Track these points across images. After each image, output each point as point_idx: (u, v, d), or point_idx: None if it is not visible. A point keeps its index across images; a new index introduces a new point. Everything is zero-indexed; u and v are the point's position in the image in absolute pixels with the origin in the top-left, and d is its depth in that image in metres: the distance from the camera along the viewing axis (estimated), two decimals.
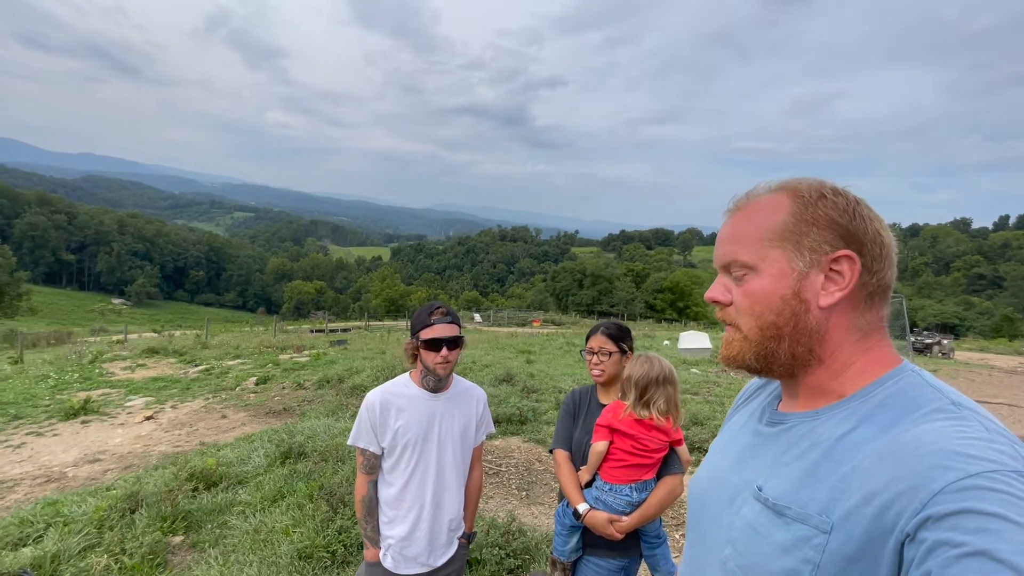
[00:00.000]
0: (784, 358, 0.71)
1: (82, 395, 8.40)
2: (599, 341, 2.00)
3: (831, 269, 0.67)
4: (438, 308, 1.80)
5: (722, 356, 0.78)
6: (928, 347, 21.20)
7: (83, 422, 7.21)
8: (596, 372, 1.98)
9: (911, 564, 0.52)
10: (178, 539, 3.42)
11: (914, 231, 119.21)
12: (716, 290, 0.76)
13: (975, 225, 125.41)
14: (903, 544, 0.53)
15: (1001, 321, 51.98)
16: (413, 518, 1.79)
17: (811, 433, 0.69)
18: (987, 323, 55.27)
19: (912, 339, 19.55)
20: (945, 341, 22.10)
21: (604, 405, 1.98)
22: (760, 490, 0.70)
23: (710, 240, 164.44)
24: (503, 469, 4.94)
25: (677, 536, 3.71)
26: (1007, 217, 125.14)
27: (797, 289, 0.68)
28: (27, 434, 6.66)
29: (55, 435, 6.66)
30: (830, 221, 0.67)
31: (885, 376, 0.68)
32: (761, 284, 0.70)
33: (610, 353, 1.97)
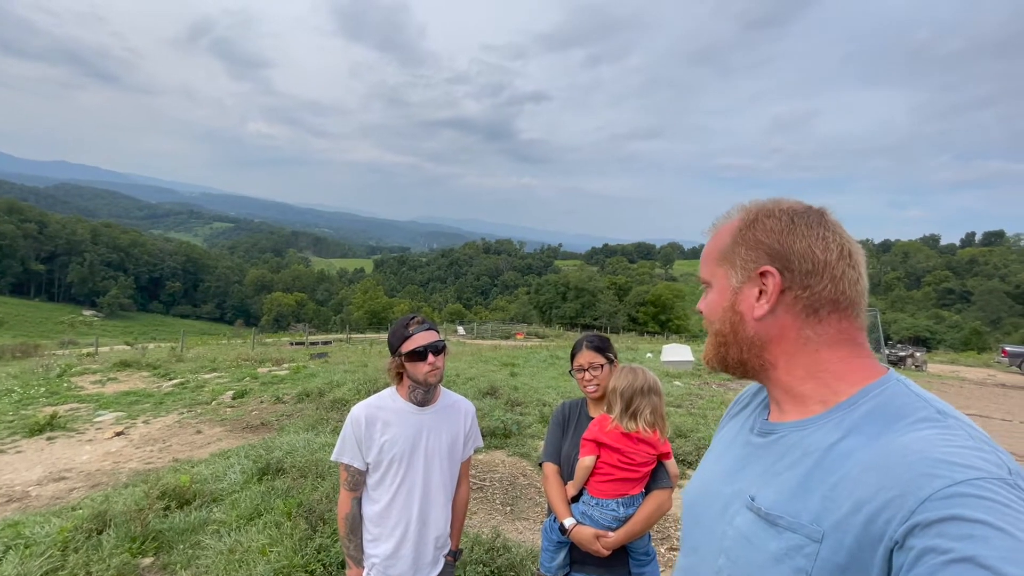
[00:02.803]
0: (734, 362, 0.80)
1: (48, 410, 8.06)
2: (588, 357, 1.97)
3: (762, 284, 0.74)
4: (413, 318, 1.77)
5: (702, 356, 0.90)
6: (902, 359, 21.71)
7: (49, 438, 6.91)
8: (591, 388, 1.95)
9: (900, 571, 0.53)
10: (148, 561, 3.27)
11: (886, 247, 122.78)
12: (700, 302, 0.87)
13: (944, 241, 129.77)
14: (892, 551, 0.54)
15: (970, 334, 53.61)
16: (398, 536, 1.74)
17: (801, 443, 0.70)
18: (957, 336, 56.94)
19: (887, 351, 20.00)
20: (918, 353, 22.66)
21: (592, 417, 1.96)
22: (753, 500, 0.71)
23: (691, 254, 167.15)
24: (487, 483, 4.87)
25: (663, 550, 3.69)
26: (973, 234, 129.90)
27: (733, 302, 0.77)
28: None
29: (18, 452, 6.37)
30: (757, 241, 0.75)
31: (871, 385, 0.69)
32: (712, 297, 0.82)
33: (601, 366, 1.95)
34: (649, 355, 18.65)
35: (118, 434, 7.15)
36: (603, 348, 1.99)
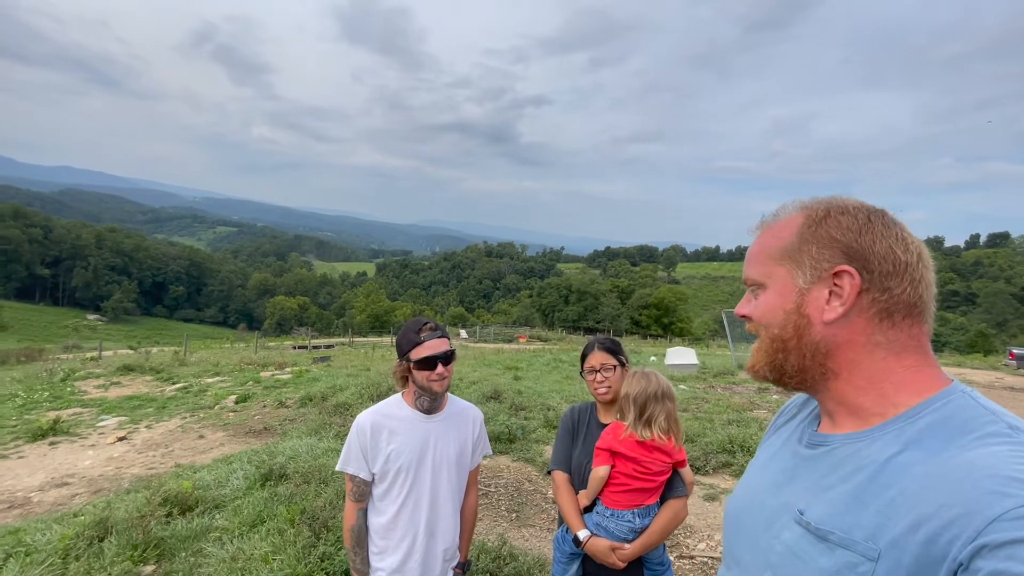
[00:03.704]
0: (792, 370, 0.73)
1: (51, 415, 8.05)
2: (600, 358, 1.93)
3: (834, 285, 0.68)
4: (426, 324, 1.71)
5: (749, 367, 0.80)
6: None
7: (51, 443, 6.90)
8: (602, 390, 1.91)
9: None
10: (149, 569, 3.23)
11: None
12: (741, 305, 0.80)
13: (948, 243, 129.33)
14: (955, 573, 0.51)
15: (976, 337, 53.31)
16: (405, 548, 1.69)
17: (856, 455, 0.66)
18: (962, 339, 56.63)
19: None
20: None
21: (603, 424, 1.91)
22: (802, 514, 0.67)
23: (694, 257, 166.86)
24: (492, 489, 4.81)
25: (672, 557, 3.63)
26: (978, 236, 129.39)
27: (799, 304, 0.71)
28: None
29: (21, 457, 6.35)
30: (831, 239, 0.69)
31: (934, 397, 0.65)
32: (768, 299, 0.74)
33: (613, 367, 1.91)
34: (653, 358, 18.57)
35: (120, 439, 7.12)
36: (615, 350, 1.96)
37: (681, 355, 15.51)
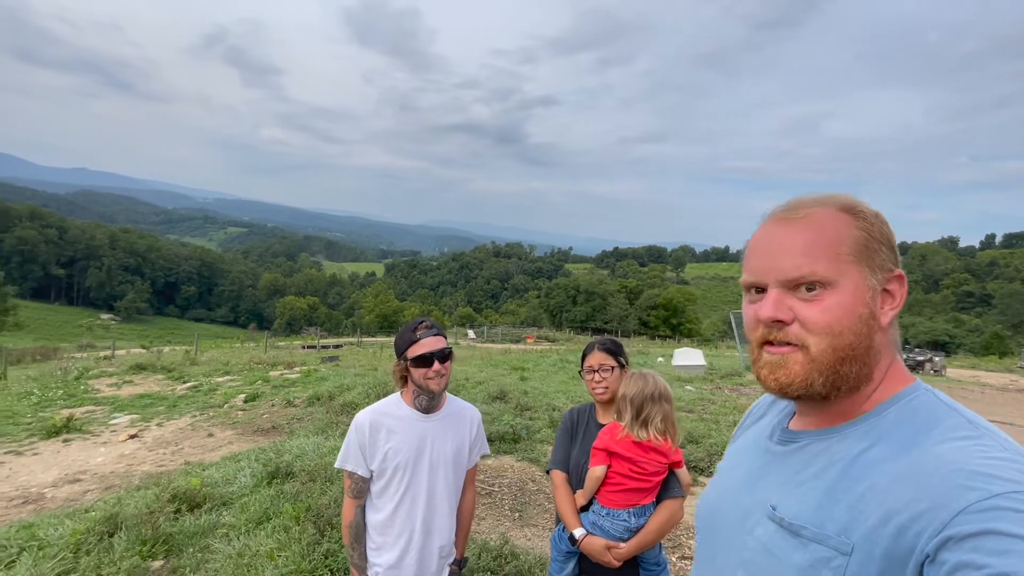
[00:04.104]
0: (852, 380, 0.66)
1: (65, 413, 8.20)
2: (599, 358, 1.94)
3: (887, 288, 0.68)
4: (422, 323, 1.74)
5: (774, 381, 0.68)
6: (920, 364, 21.29)
7: (65, 440, 7.02)
8: (599, 391, 1.93)
9: None
10: (158, 564, 3.29)
11: (903, 249, 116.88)
12: (776, 308, 0.67)
13: (962, 244, 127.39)
14: (923, 565, 0.53)
15: (991, 338, 52.43)
16: (402, 545, 1.72)
17: (827, 451, 0.68)
18: (977, 340, 55.71)
19: (904, 356, 19.62)
20: (937, 358, 22.20)
21: (602, 425, 1.93)
22: (775, 510, 0.68)
23: (703, 257, 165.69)
24: (495, 489, 4.84)
25: (675, 559, 3.63)
26: (993, 236, 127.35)
27: (872, 308, 0.66)
28: (5, 453, 6.47)
29: (35, 454, 6.47)
30: (889, 240, 0.69)
31: (900, 394, 0.67)
32: (841, 301, 0.65)
33: (611, 368, 1.92)
34: (660, 359, 18.49)
35: (132, 437, 7.24)
36: (615, 351, 1.97)
37: (688, 356, 15.44)
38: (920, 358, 21.91)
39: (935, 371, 21.14)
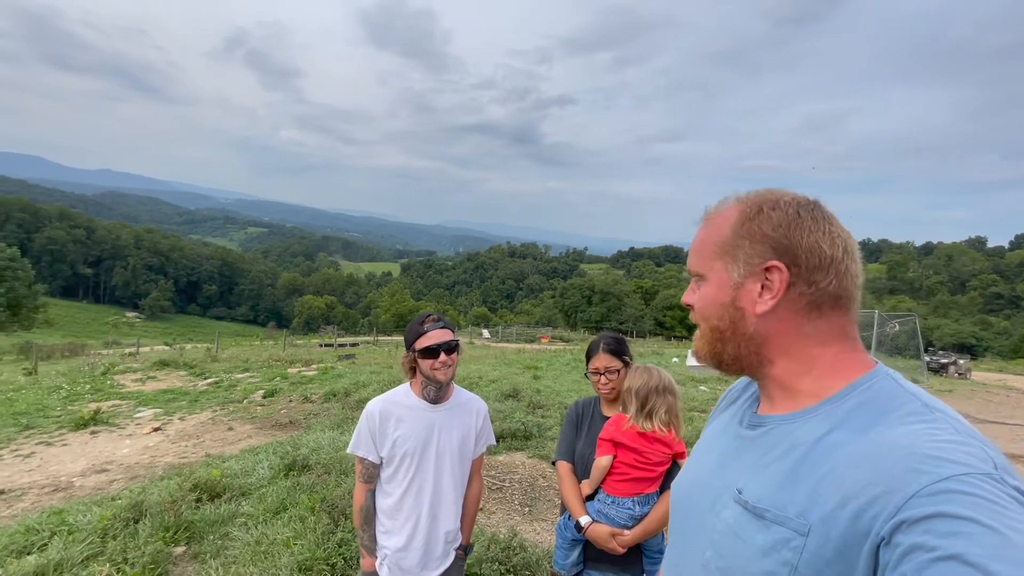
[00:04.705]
0: (729, 358, 0.77)
1: (93, 406, 8.49)
2: (604, 361, 1.97)
3: (765, 279, 0.71)
4: (429, 316, 1.81)
5: (693, 351, 0.85)
6: (944, 367, 20.76)
7: (92, 432, 7.28)
8: (606, 391, 1.97)
9: (886, 568, 0.53)
10: (180, 549, 3.42)
11: (928, 249, 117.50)
12: (686, 294, 0.84)
13: (991, 244, 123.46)
14: (878, 547, 0.54)
15: (1020, 342, 50.81)
16: (409, 529, 1.79)
17: (789, 436, 0.70)
18: (1006, 343, 54.03)
19: (927, 359, 19.16)
20: (961, 361, 21.64)
21: (607, 417, 1.98)
22: (740, 492, 0.71)
23: None
24: (506, 484, 4.90)
25: None
26: (1023, 236, 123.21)
27: (733, 297, 0.74)
28: (37, 444, 6.74)
29: (64, 445, 6.72)
30: (762, 235, 0.72)
31: (860, 380, 0.68)
32: (707, 291, 0.78)
33: (617, 371, 1.96)
34: (675, 359, 18.36)
35: (156, 430, 7.47)
36: (620, 351, 1.99)
37: None
38: (944, 361, 21.37)
39: (959, 374, 20.60)
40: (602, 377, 1.95)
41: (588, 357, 2.03)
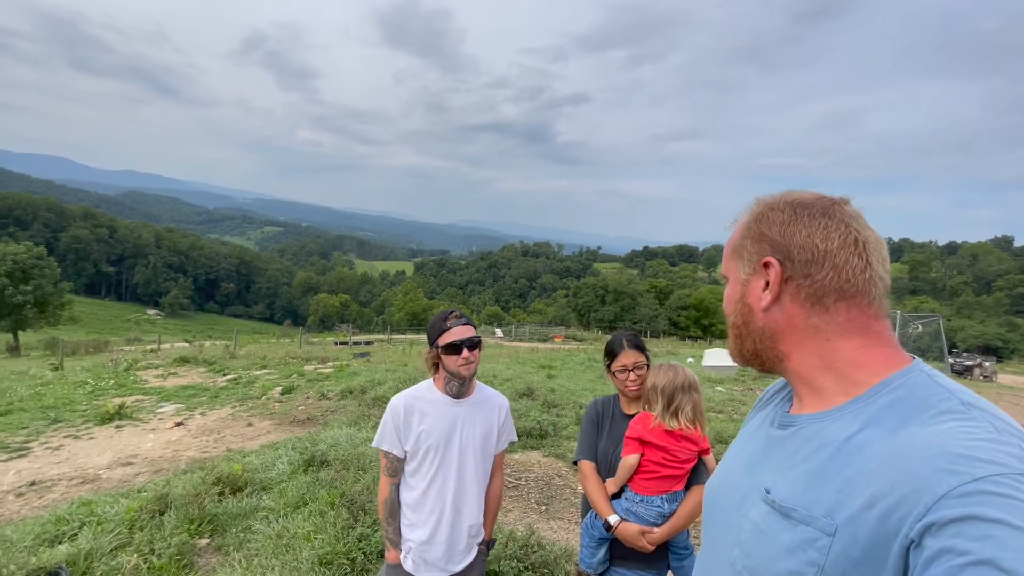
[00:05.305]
0: (749, 354, 0.80)
1: (117, 401, 8.69)
2: (632, 357, 1.96)
3: (767, 275, 0.75)
4: (451, 313, 1.84)
5: (728, 351, 0.88)
6: (968, 369, 20.28)
7: (117, 427, 7.46)
8: (634, 388, 1.95)
9: (915, 570, 0.52)
10: (204, 541, 3.49)
11: (952, 249, 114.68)
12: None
13: (1018, 243, 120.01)
14: (908, 549, 0.53)
15: None
16: (433, 522, 1.81)
17: (818, 434, 0.69)
18: None
19: (951, 361, 18.73)
20: (987, 363, 21.12)
21: (627, 415, 1.97)
22: (768, 492, 0.71)
23: None
24: (523, 483, 4.91)
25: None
26: None
27: (743, 294, 0.79)
28: (65, 437, 6.92)
29: (91, 438, 6.90)
30: (761, 234, 0.76)
31: (893, 376, 0.67)
32: (727, 291, 0.83)
33: (645, 366, 1.96)
34: (691, 360, 18.21)
35: (178, 424, 7.62)
36: (644, 347, 2.00)
37: (719, 357, 15.15)
38: (968, 363, 20.88)
39: (984, 376, 20.11)
40: (631, 374, 1.93)
41: (612, 354, 2.00)
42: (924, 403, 0.62)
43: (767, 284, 0.75)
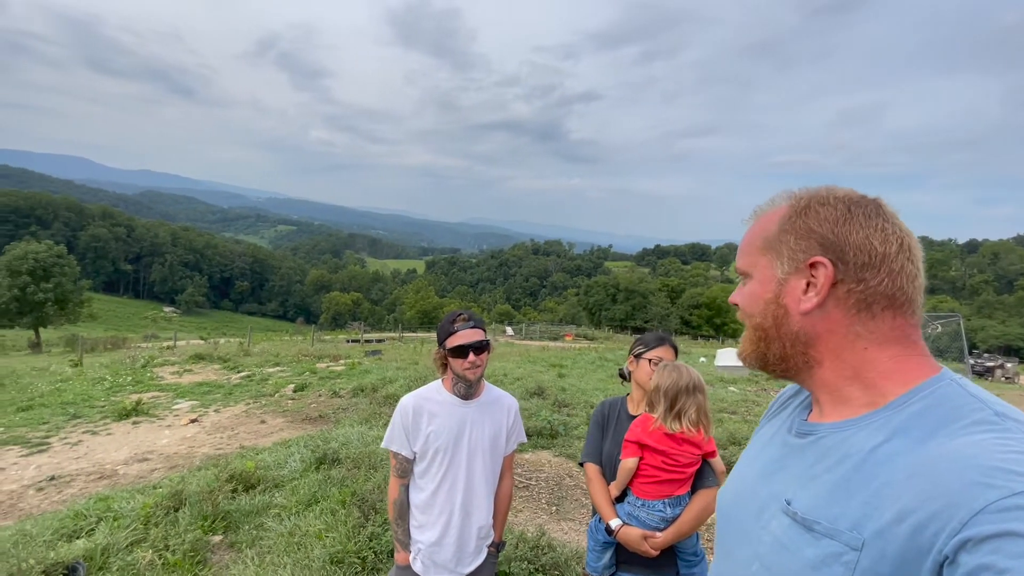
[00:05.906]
0: (775, 359, 0.74)
1: (134, 397, 8.85)
2: (668, 353, 1.97)
3: (811, 276, 0.69)
4: (460, 315, 1.82)
5: (739, 352, 0.82)
6: (989, 370, 19.88)
7: (134, 423, 7.59)
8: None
9: None
10: (217, 538, 3.53)
11: (972, 247, 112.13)
12: (734, 293, 0.81)
13: None
14: (942, 566, 0.51)
15: None
16: (443, 524, 1.80)
17: (842, 444, 0.66)
18: None
19: (971, 361, 18.36)
20: (1008, 364, 20.68)
21: (633, 416, 1.95)
22: (789, 504, 0.68)
23: None
24: (533, 483, 4.89)
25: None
26: None
27: (777, 294, 0.72)
28: (84, 432, 7.06)
29: (109, 434, 7.02)
30: (808, 230, 0.70)
31: (922, 385, 0.64)
32: (752, 288, 0.76)
33: None
34: (703, 359, 18.05)
35: (193, 421, 7.73)
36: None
37: (732, 356, 14.99)
38: (990, 364, 20.46)
39: (1006, 378, 19.68)
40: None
41: (648, 346, 1.99)
42: (955, 413, 0.59)
43: (809, 285, 0.69)
